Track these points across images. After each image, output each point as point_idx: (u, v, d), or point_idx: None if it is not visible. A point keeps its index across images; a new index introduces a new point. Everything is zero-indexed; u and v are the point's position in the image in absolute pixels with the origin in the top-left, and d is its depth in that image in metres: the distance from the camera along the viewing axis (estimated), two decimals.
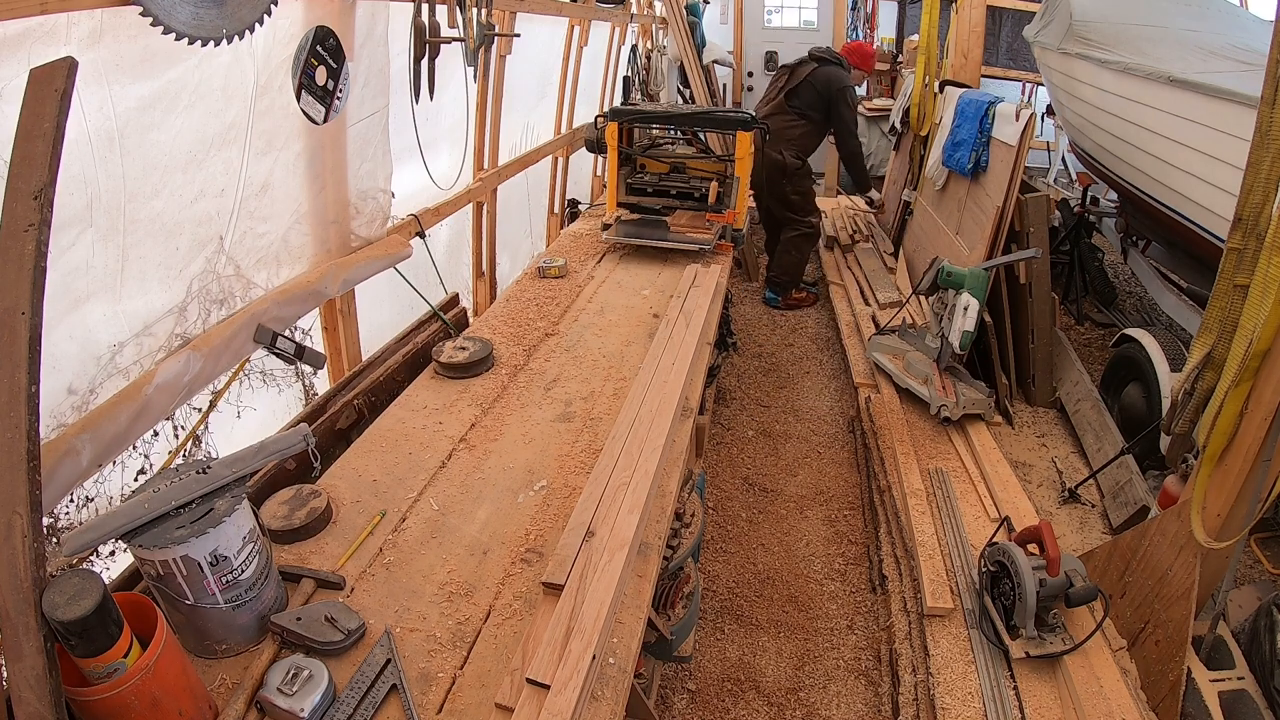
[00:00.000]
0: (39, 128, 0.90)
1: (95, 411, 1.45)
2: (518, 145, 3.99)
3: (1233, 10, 5.19)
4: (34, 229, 0.89)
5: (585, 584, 1.24)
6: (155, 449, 1.74)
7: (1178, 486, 2.57)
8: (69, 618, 0.86)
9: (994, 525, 2.53)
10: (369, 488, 1.59)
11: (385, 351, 2.25)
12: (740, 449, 3.60)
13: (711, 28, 9.40)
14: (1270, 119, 1.74)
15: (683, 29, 5.73)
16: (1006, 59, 7.62)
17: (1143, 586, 2.14)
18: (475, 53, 2.53)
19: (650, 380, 1.93)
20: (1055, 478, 3.43)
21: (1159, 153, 3.76)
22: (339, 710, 1.06)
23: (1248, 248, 1.85)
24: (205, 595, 1.10)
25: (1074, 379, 3.95)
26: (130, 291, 1.55)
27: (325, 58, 1.90)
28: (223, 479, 1.13)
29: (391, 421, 1.84)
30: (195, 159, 1.63)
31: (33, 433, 0.88)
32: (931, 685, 2.01)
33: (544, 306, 2.57)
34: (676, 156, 3.49)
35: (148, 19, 1.33)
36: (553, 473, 1.66)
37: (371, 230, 2.35)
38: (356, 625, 1.19)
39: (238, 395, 2.04)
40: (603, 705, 1.10)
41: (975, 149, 4.40)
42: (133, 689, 0.93)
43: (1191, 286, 4.15)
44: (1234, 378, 1.85)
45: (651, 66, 7.23)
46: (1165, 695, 1.94)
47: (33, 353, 0.89)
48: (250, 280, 1.90)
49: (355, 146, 2.17)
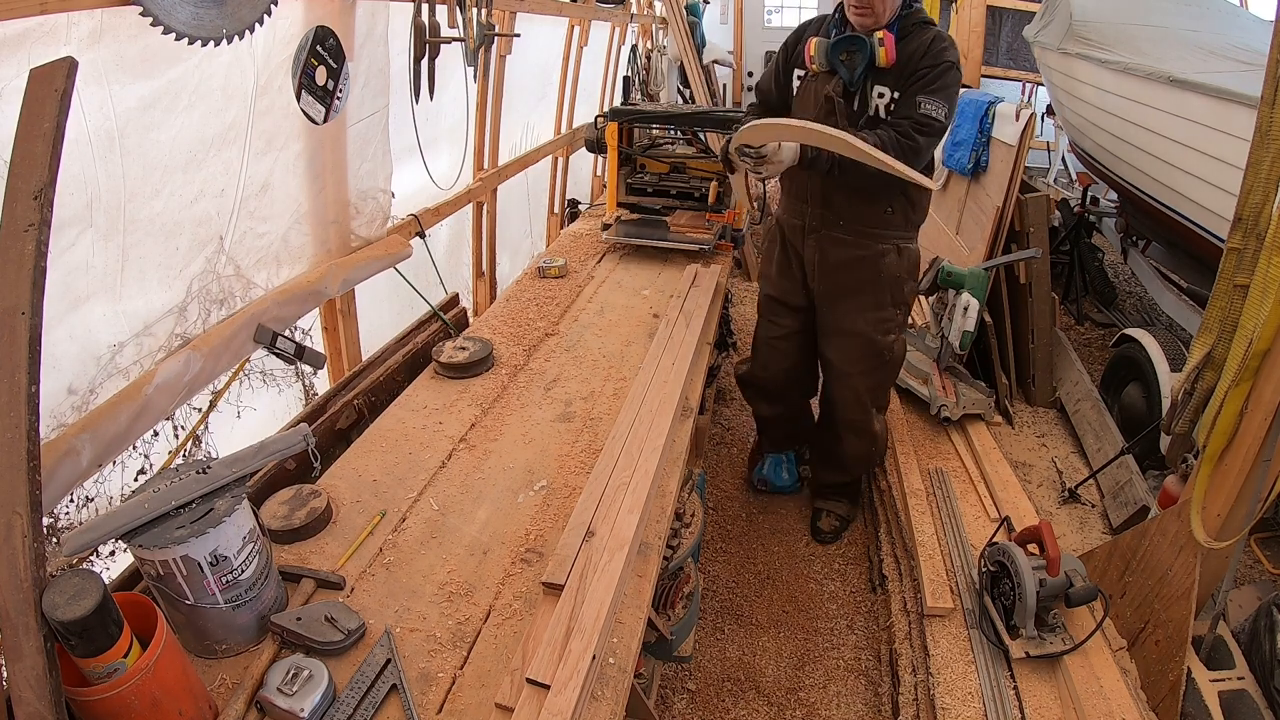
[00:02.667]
0: (39, 128, 0.90)
1: (95, 411, 1.45)
2: (518, 145, 3.99)
3: (1233, 10, 5.19)
4: (34, 229, 0.89)
5: (585, 584, 1.24)
6: (155, 449, 1.74)
7: (1178, 486, 2.57)
8: (69, 618, 0.86)
9: (994, 525, 2.53)
10: (369, 488, 1.59)
11: (385, 351, 2.25)
12: (740, 449, 3.60)
13: (711, 28, 9.41)
14: (1270, 119, 1.74)
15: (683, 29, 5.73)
16: (1006, 59, 7.61)
17: (1143, 586, 2.14)
18: (475, 53, 2.54)
19: (650, 380, 1.93)
20: (1055, 478, 3.43)
21: (1159, 153, 3.76)
22: (339, 710, 1.06)
23: (1248, 248, 1.85)
24: (205, 595, 1.10)
25: (1074, 379, 3.95)
26: (130, 291, 1.55)
27: (325, 58, 1.90)
28: (223, 479, 1.13)
29: (391, 421, 1.84)
30: (195, 159, 1.63)
31: (33, 433, 0.88)
32: (931, 685, 2.01)
33: (544, 306, 2.57)
34: (676, 156, 3.49)
35: (148, 19, 1.33)
36: (553, 473, 1.66)
37: (371, 230, 2.36)
38: (356, 625, 1.19)
39: (238, 395, 2.04)
40: (603, 705, 1.10)
41: (975, 149, 4.40)
42: (133, 689, 0.93)
43: (1191, 286, 4.15)
44: (1234, 378, 1.85)
45: (651, 66, 7.23)
46: (1165, 695, 1.93)
47: (33, 353, 0.89)
48: (250, 280, 1.90)
49: (355, 146, 2.18)
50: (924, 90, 2.14)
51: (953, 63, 2.15)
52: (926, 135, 2.13)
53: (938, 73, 2.14)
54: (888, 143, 2.08)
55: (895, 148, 2.08)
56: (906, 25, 2.21)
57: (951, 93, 2.17)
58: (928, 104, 2.13)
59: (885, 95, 2.22)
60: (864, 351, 2.56)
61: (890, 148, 2.05)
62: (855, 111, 2.30)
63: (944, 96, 2.14)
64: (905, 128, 2.14)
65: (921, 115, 2.13)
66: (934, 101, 2.13)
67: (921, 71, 2.15)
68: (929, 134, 2.14)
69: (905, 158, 2.05)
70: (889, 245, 2.44)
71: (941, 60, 2.14)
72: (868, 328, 2.52)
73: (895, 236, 2.45)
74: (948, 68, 2.14)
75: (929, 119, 2.13)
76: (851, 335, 2.56)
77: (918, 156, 2.13)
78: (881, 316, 2.52)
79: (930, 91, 2.13)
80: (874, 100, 2.25)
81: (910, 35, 2.20)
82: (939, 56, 2.14)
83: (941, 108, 2.13)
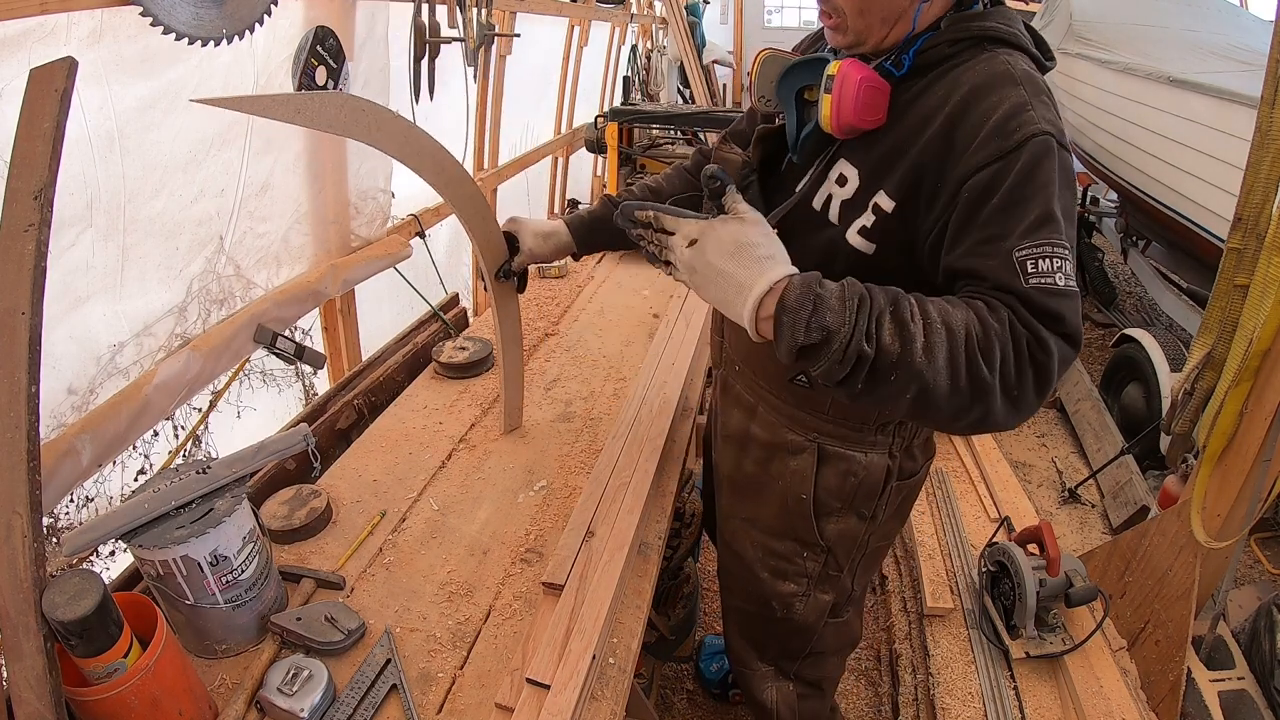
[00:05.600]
0: (39, 128, 0.90)
1: (95, 411, 1.45)
2: (518, 145, 3.99)
3: (1233, 10, 5.19)
4: (34, 229, 0.89)
5: (585, 584, 1.24)
6: (155, 449, 1.75)
7: (1178, 486, 2.58)
8: (69, 618, 0.86)
9: (994, 525, 2.53)
10: (369, 488, 1.59)
11: (385, 351, 2.25)
12: None
13: (711, 28, 9.41)
14: (1270, 119, 1.74)
15: (683, 29, 5.73)
16: None
17: (1143, 586, 2.14)
18: (475, 53, 2.54)
19: (650, 380, 1.93)
20: (1055, 478, 3.43)
21: (1159, 153, 3.76)
22: (339, 710, 1.06)
23: (1248, 248, 1.85)
24: (205, 595, 1.10)
25: (1074, 379, 3.95)
26: (130, 291, 1.55)
27: (325, 58, 1.90)
28: (223, 479, 1.13)
29: (391, 421, 1.84)
30: (195, 159, 1.63)
31: (33, 433, 0.88)
32: (931, 685, 2.01)
33: (544, 306, 2.56)
34: (676, 156, 3.49)
35: (148, 19, 1.33)
36: (553, 473, 1.66)
37: (371, 230, 2.36)
38: (356, 625, 1.19)
39: (238, 395, 2.04)
40: (603, 705, 1.10)
41: None
42: (133, 689, 0.93)
43: (1191, 286, 4.15)
44: (1234, 378, 1.85)
45: (651, 66, 7.23)
46: (1165, 695, 1.93)
47: (33, 353, 0.89)
48: (250, 280, 1.90)
49: (355, 146, 2.17)
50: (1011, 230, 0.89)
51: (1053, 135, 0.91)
52: (1048, 350, 0.87)
53: (1029, 166, 0.89)
54: (978, 342, 0.85)
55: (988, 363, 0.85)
56: (939, 49, 1.02)
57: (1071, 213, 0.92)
58: (1042, 260, 0.88)
59: (849, 183, 1.07)
60: (746, 589, 1.52)
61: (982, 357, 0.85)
62: (776, 199, 1.19)
63: (1056, 232, 0.89)
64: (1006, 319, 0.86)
65: (1043, 295, 0.87)
66: (1055, 250, 0.88)
67: (989, 163, 0.91)
68: (1054, 345, 0.87)
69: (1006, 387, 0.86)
70: (804, 441, 1.29)
71: (1030, 132, 0.90)
72: (754, 558, 1.47)
73: (824, 432, 1.28)
74: (1046, 148, 0.90)
75: (1060, 301, 0.87)
76: (734, 555, 1.53)
77: (1026, 392, 0.87)
78: (775, 550, 1.43)
79: (1035, 226, 0.88)
80: (827, 187, 1.11)
81: (946, 73, 1.01)
82: (1020, 120, 0.91)
83: (1061, 257, 0.88)
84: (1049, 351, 0.87)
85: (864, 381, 0.86)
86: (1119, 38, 4.32)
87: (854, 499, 1.31)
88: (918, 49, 1.03)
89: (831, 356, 0.84)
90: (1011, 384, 0.86)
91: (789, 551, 1.41)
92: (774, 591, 1.45)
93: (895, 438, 1.28)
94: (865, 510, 1.33)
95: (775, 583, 1.45)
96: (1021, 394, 0.87)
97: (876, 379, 0.86)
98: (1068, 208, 0.91)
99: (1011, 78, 0.95)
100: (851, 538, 1.36)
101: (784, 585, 1.44)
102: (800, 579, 1.43)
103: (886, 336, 0.85)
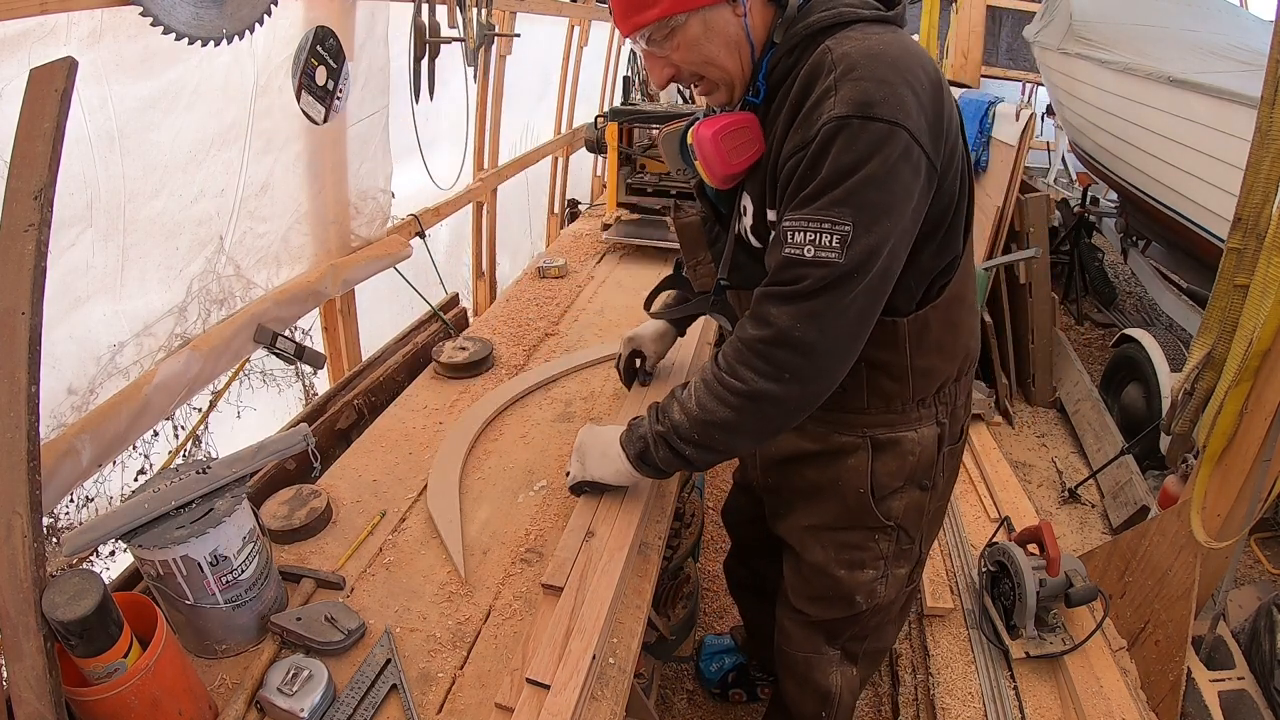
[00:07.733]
0: (39, 128, 0.90)
1: (95, 411, 1.45)
2: (518, 145, 3.99)
3: (1233, 10, 5.20)
4: (34, 229, 0.89)
5: (585, 584, 1.24)
6: (155, 449, 1.75)
7: (1178, 486, 2.58)
8: (69, 618, 0.86)
9: (994, 525, 2.53)
10: (369, 488, 1.59)
11: (385, 351, 2.25)
12: None
13: None
14: (1270, 119, 1.74)
15: None
16: (1006, 59, 7.62)
17: (1143, 586, 2.15)
18: (475, 53, 2.54)
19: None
20: (1055, 478, 3.43)
21: (1159, 153, 3.76)
22: (339, 710, 1.06)
23: (1248, 248, 1.85)
24: (205, 595, 1.10)
25: (1074, 379, 3.95)
26: (130, 291, 1.55)
27: (325, 58, 1.90)
28: (223, 479, 1.13)
29: (391, 421, 1.84)
30: (195, 159, 1.63)
31: (33, 433, 0.88)
32: (931, 685, 2.01)
33: (544, 306, 2.56)
34: None
35: (148, 19, 1.34)
36: (553, 473, 1.65)
37: (371, 230, 2.36)
38: (356, 625, 1.19)
39: (238, 395, 2.04)
40: (603, 705, 1.10)
41: (975, 149, 4.40)
42: (133, 689, 0.93)
43: (1191, 286, 4.16)
44: (1234, 378, 1.85)
45: None
46: (1165, 695, 1.94)
47: (33, 353, 0.89)
48: (250, 280, 1.90)
49: (355, 146, 2.18)
50: (794, 203, 1.05)
51: (850, 115, 0.97)
52: (779, 330, 1.06)
53: (817, 151, 1.00)
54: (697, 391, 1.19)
55: (707, 390, 1.17)
56: (783, 64, 1.10)
57: (863, 184, 0.98)
58: (797, 233, 1.02)
59: (749, 211, 1.23)
60: (823, 591, 1.54)
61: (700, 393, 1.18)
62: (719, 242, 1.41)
63: (828, 208, 1.00)
64: (742, 326, 1.13)
65: (783, 266, 1.05)
66: (812, 224, 1.01)
67: (793, 155, 1.05)
68: (786, 327, 1.06)
69: (748, 396, 1.10)
70: (856, 439, 1.38)
71: (824, 119, 0.99)
72: (827, 559, 1.49)
73: (873, 425, 1.36)
74: (837, 129, 0.98)
75: (798, 269, 1.03)
76: (809, 566, 1.53)
77: (775, 369, 1.08)
78: (844, 542, 1.47)
79: (807, 203, 1.02)
80: (742, 220, 1.27)
81: (790, 79, 1.09)
82: (821, 109, 1.00)
83: (834, 231, 1.00)
84: (769, 322, 1.08)
85: (691, 449, 1.21)
86: (1119, 38, 4.32)
87: (914, 474, 1.40)
88: (764, 73, 1.12)
89: (654, 449, 1.26)
90: (767, 372, 1.10)
91: (860, 540, 1.47)
92: (854, 585, 1.49)
93: (937, 406, 1.37)
94: (926, 481, 1.42)
95: (853, 575, 1.48)
96: (785, 367, 1.09)
97: (697, 445, 1.21)
98: (867, 175, 0.99)
99: (822, 69, 1.03)
100: (918, 509, 1.44)
101: (862, 575, 1.49)
102: (877, 562, 1.48)
103: (675, 414, 1.22)
